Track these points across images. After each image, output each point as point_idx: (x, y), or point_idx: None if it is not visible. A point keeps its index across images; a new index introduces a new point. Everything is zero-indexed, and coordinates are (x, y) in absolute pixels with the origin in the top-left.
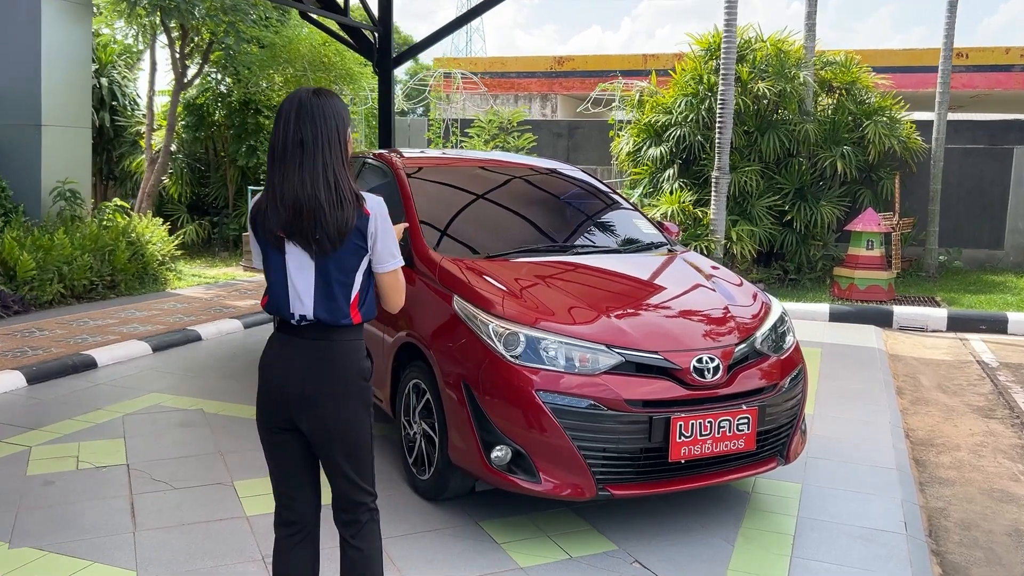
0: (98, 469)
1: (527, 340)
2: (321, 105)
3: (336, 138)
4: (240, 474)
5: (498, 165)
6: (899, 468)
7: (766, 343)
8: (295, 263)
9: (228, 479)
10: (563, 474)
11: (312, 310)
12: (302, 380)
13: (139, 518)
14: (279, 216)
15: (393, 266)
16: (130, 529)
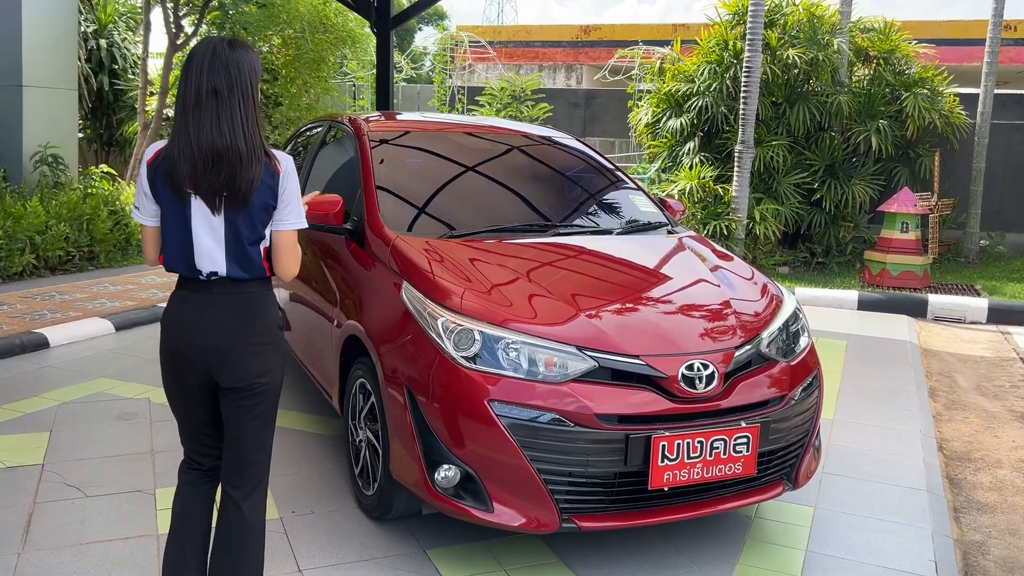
0: (7, 470)
1: (483, 339)
2: (236, 56)
3: (249, 91)
4: (166, 480)
5: (484, 131)
6: (930, 489)
7: (774, 345)
8: (201, 218)
9: (151, 486)
10: (519, 502)
11: (225, 266)
12: (219, 335)
13: (32, 535)
14: (192, 167)
15: (292, 225)
16: (15, 549)
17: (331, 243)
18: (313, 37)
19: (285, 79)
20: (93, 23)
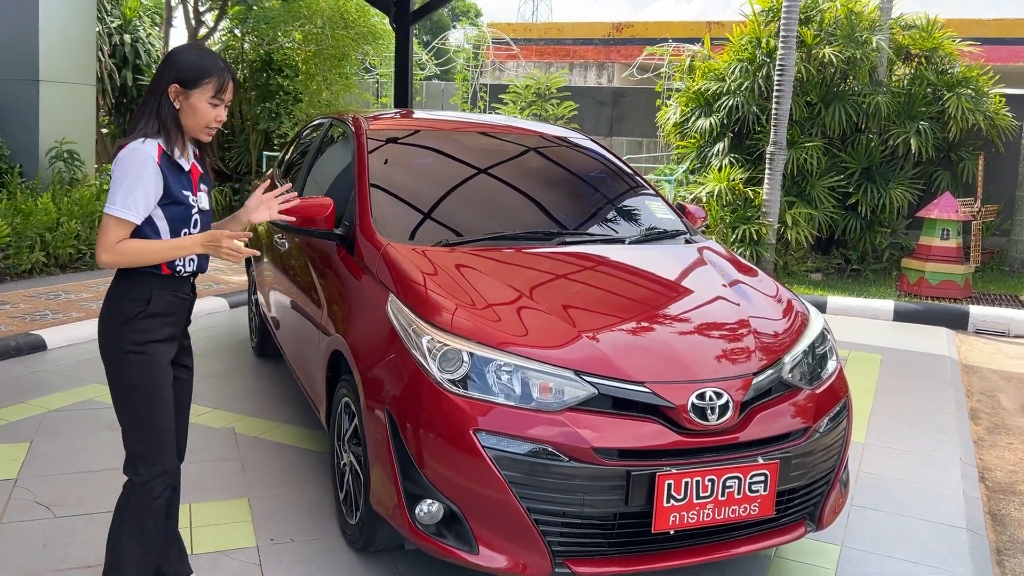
0: None
1: (472, 360)
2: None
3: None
4: None
5: (494, 130)
6: (970, 527)
7: (798, 370)
8: None
9: None
10: (507, 544)
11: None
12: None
13: None
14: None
15: (103, 210)
16: None
17: (324, 249)
18: (333, 33)
19: (305, 75)
20: (118, 18)
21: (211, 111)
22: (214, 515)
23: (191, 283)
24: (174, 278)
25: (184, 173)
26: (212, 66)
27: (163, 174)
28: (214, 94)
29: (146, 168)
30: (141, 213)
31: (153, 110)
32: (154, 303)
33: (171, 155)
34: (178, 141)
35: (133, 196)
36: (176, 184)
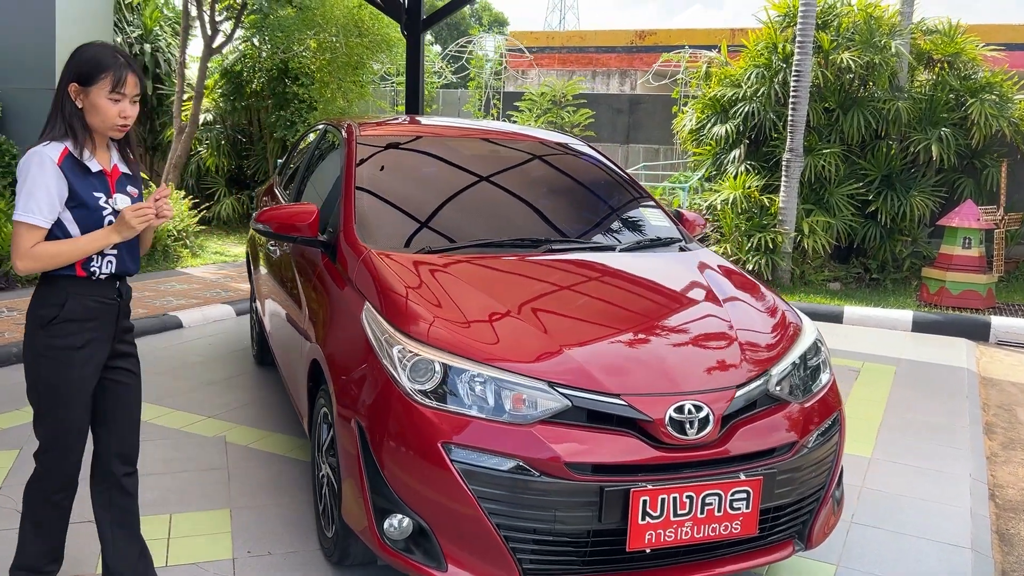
0: None
1: (443, 370)
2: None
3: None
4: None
5: (491, 136)
6: (975, 547)
7: (787, 383)
8: None
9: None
10: (476, 561)
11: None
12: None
13: None
14: None
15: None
16: None
17: (310, 256)
18: (347, 41)
19: (320, 83)
20: (139, 28)
21: (113, 107)
22: (193, 526)
23: (116, 287)
24: (91, 281)
25: (94, 175)
26: (107, 61)
27: (66, 177)
28: (112, 89)
29: (45, 171)
30: (46, 216)
31: (58, 112)
32: (69, 307)
33: (79, 157)
34: (87, 142)
35: (35, 199)
36: (83, 186)
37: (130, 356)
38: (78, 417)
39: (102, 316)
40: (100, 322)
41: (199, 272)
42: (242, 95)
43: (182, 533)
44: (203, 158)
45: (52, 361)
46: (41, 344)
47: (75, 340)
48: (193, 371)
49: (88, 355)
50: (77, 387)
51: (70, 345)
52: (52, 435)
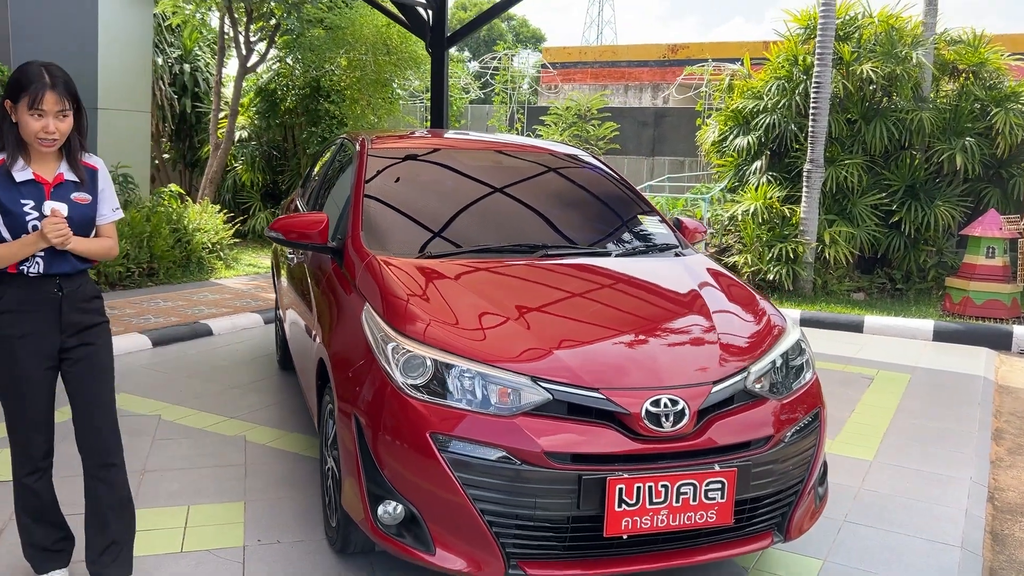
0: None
1: (434, 366)
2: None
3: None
4: (147, 501)
5: (497, 148)
6: (965, 546)
7: (766, 380)
8: None
9: None
10: (462, 545)
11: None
12: None
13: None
14: None
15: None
16: None
17: (321, 262)
18: (376, 59)
19: (350, 100)
20: (179, 49)
21: (34, 123)
22: (209, 516)
23: (55, 283)
24: (23, 277)
25: (22, 184)
26: (29, 80)
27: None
28: (30, 106)
29: None
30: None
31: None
32: (6, 300)
33: (9, 169)
34: (20, 154)
35: None
36: (8, 196)
37: (86, 348)
38: (28, 406)
39: (41, 309)
40: (39, 314)
41: (231, 283)
42: (276, 112)
43: (198, 523)
44: (239, 173)
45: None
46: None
47: (14, 330)
48: (219, 375)
49: (30, 345)
50: (21, 376)
51: (10, 335)
52: (10, 422)
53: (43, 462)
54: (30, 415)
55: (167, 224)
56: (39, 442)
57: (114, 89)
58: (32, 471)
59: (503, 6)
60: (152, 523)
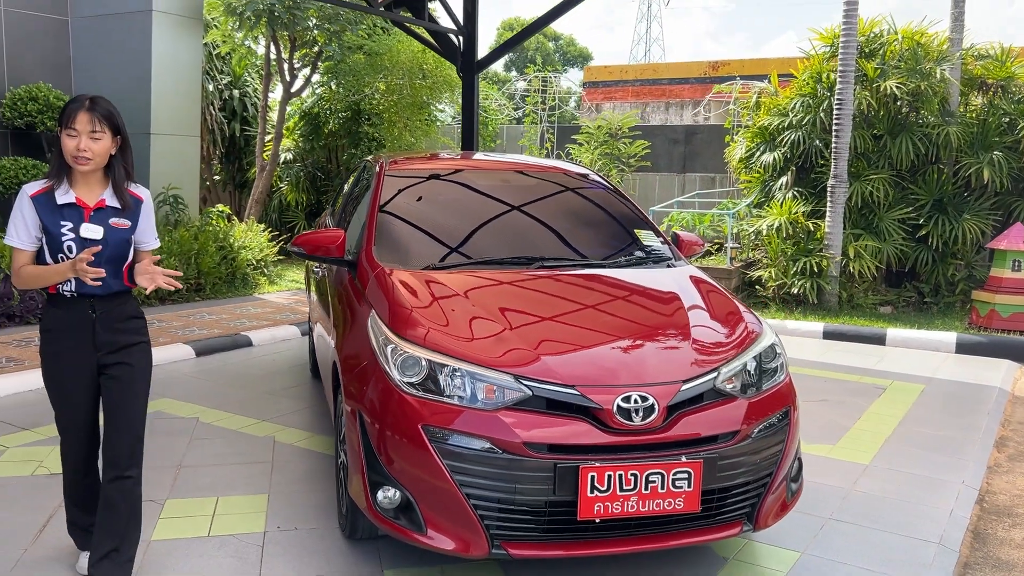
0: (49, 476)
1: (428, 366)
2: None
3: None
4: (183, 491)
5: (507, 168)
6: (943, 542)
7: (738, 380)
8: None
9: (164, 496)
10: (451, 526)
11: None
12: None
13: (44, 536)
14: None
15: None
16: (22, 547)
17: (341, 275)
18: (412, 83)
19: (388, 122)
20: (229, 75)
21: (69, 142)
22: (235, 507)
23: (89, 304)
24: (60, 297)
25: (63, 207)
26: (70, 105)
27: (36, 208)
28: (65, 126)
29: (21, 203)
30: (24, 240)
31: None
32: (48, 318)
33: (53, 191)
34: (65, 176)
35: (15, 226)
36: (49, 217)
37: (123, 364)
38: (73, 415)
39: (76, 327)
40: (75, 332)
41: (273, 298)
42: (320, 135)
43: (224, 512)
44: (284, 193)
45: (43, 362)
46: (40, 348)
47: (56, 347)
48: (255, 383)
49: (68, 361)
50: (62, 387)
51: (52, 351)
52: (60, 426)
53: (87, 463)
54: (74, 422)
55: (214, 242)
56: (83, 446)
57: (166, 115)
58: (76, 470)
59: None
60: (184, 511)
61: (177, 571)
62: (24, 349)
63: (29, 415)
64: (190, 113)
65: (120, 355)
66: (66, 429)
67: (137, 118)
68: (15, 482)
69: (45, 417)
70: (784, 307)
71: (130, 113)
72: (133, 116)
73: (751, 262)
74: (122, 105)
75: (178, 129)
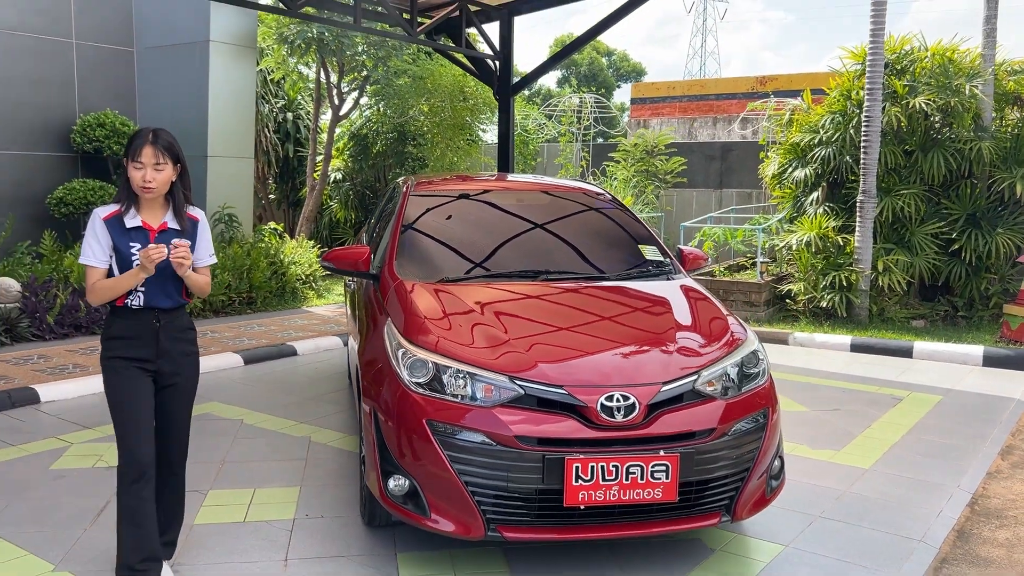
0: (108, 468)
1: (434, 368)
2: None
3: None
4: (225, 483)
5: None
6: (925, 539)
7: (717, 384)
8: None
9: (207, 487)
10: (452, 511)
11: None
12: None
13: (101, 518)
14: None
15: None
16: (83, 527)
17: (366, 287)
18: (453, 105)
19: (431, 143)
20: (283, 99)
21: (135, 173)
22: (269, 497)
23: (154, 316)
24: (127, 309)
25: (131, 230)
26: (135, 139)
27: (108, 230)
28: (132, 159)
29: (94, 225)
30: (99, 259)
31: (123, 181)
32: (114, 328)
33: (122, 216)
34: (132, 203)
35: (89, 246)
36: (120, 239)
37: (178, 374)
38: (135, 419)
39: (141, 337)
40: (139, 341)
41: (320, 310)
42: (368, 155)
43: (259, 501)
44: (334, 211)
45: (106, 369)
46: (102, 356)
47: (121, 354)
48: (297, 389)
49: (134, 367)
50: (124, 392)
51: (116, 356)
52: (118, 431)
53: (148, 469)
54: (136, 427)
55: (265, 258)
56: (144, 451)
57: (222, 139)
58: (137, 478)
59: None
60: (224, 500)
61: (215, 551)
62: (89, 356)
63: (91, 416)
64: (244, 136)
65: (176, 363)
66: (126, 434)
67: (195, 142)
68: (77, 473)
69: (105, 417)
70: (814, 320)
71: (188, 137)
72: (191, 140)
73: (783, 276)
74: (181, 129)
75: (233, 151)
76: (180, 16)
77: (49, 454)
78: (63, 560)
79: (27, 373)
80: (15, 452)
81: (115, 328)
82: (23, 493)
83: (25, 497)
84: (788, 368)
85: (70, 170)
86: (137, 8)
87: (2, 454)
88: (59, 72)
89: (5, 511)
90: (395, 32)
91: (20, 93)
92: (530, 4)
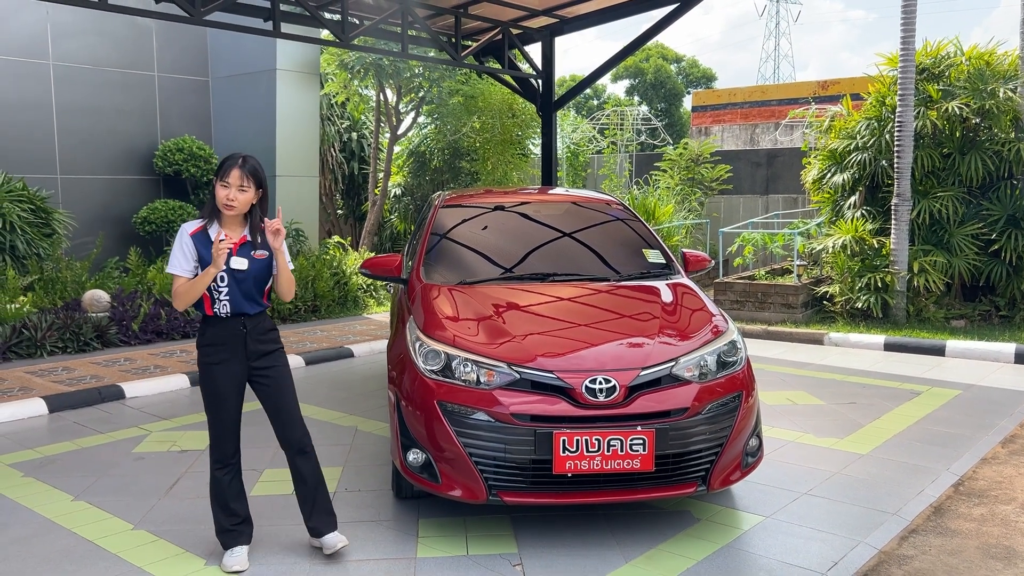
0: (181, 452)
1: (445, 357)
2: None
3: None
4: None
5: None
6: (899, 513)
7: (695, 369)
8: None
9: (262, 466)
10: (459, 478)
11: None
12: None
13: (172, 491)
14: None
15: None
16: (157, 498)
17: (399, 291)
18: (503, 121)
19: (482, 158)
20: (348, 120)
21: (221, 192)
22: None
23: (241, 322)
24: (216, 318)
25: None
26: (226, 162)
27: (195, 243)
28: (220, 178)
29: (181, 239)
30: (185, 268)
31: (210, 198)
32: (206, 335)
33: (207, 230)
34: (216, 218)
35: (175, 257)
36: (206, 251)
37: (270, 368)
38: (224, 415)
39: (231, 342)
40: (230, 346)
41: (379, 317)
42: (426, 171)
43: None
44: (395, 224)
45: (202, 373)
46: (198, 361)
47: (214, 358)
48: (350, 386)
49: (224, 370)
50: (218, 392)
51: (210, 361)
52: (211, 426)
53: (232, 459)
54: (225, 423)
55: (328, 269)
56: (230, 443)
57: (289, 159)
58: (223, 465)
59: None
60: (277, 477)
61: (270, 518)
62: (168, 359)
63: (168, 409)
64: (309, 156)
65: (266, 360)
66: (219, 431)
67: (264, 162)
68: (155, 456)
69: (180, 410)
70: (851, 322)
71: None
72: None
73: (821, 279)
74: (251, 151)
75: (299, 171)
76: (249, 47)
77: (131, 440)
78: (140, 522)
79: (115, 373)
80: (103, 439)
81: (208, 336)
82: (109, 471)
83: (111, 474)
84: (817, 366)
85: (153, 191)
86: (211, 41)
87: (92, 440)
88: (143, 102)
89: (95, 485)
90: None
91: (109, 122)
92: (571, 25)
